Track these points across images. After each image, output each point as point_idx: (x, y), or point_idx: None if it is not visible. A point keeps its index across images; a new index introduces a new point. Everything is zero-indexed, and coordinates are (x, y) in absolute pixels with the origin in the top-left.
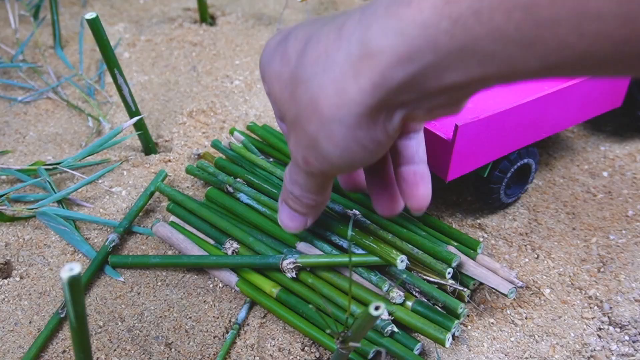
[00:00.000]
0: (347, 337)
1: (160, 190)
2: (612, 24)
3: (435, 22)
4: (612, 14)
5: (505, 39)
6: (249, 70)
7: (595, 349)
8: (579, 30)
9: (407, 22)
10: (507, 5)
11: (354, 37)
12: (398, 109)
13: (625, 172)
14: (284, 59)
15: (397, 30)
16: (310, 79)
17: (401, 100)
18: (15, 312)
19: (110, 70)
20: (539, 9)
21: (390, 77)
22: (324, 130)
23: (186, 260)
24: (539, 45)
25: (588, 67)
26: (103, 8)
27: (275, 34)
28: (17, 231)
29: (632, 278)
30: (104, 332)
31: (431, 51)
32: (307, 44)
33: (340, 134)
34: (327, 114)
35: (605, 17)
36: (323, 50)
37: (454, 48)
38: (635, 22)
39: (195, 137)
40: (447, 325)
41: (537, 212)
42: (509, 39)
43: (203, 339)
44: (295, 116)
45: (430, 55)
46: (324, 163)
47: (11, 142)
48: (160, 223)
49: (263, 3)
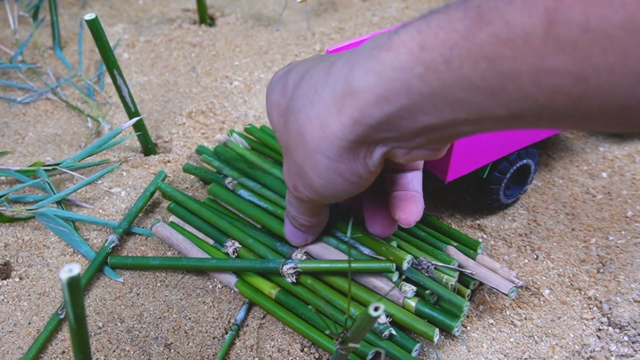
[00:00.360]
0: (347, 338)
1: (161, 190)
2: (567, 81)
3: (410, 66)
4: (566, 72)
5: (472, 87)
6: (248, 71)
7: (595, 350)
8: (538, 84)
9: (385, 64)
10: (475, 56)
11: (340, 75)
12: (378, 146)
13: (624, 173)
14: (283, 90)
15: (376, 71)
16: (300, 110)
17: (380, 138)
18: (14, 313)
19: (110, 71)
20: (502, 62)
21: (369, 115)
22: (309, 160)
23: (185, 262)
24: (503, 94)
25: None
26: (102, 9)
27: (285, 66)
28: (17, 232)
29: (631, 279)
30: (103, 333)
31: (405, 94)
32: (302, 77)
33: (323, 165)
34: (312, 145)
35: (561, 74)
36: (313, 85)
37: (426, 92)
38: (588, 81)
39: (195, 137)
40: (450, 325)
41: (537, 213)
42: (475, 87)
43: (202, 340)
44: (286, 144)
45: (405, 98)
46: (311, 191)
47: (10, 143)
48: (159, 224)
49: (262, 4)
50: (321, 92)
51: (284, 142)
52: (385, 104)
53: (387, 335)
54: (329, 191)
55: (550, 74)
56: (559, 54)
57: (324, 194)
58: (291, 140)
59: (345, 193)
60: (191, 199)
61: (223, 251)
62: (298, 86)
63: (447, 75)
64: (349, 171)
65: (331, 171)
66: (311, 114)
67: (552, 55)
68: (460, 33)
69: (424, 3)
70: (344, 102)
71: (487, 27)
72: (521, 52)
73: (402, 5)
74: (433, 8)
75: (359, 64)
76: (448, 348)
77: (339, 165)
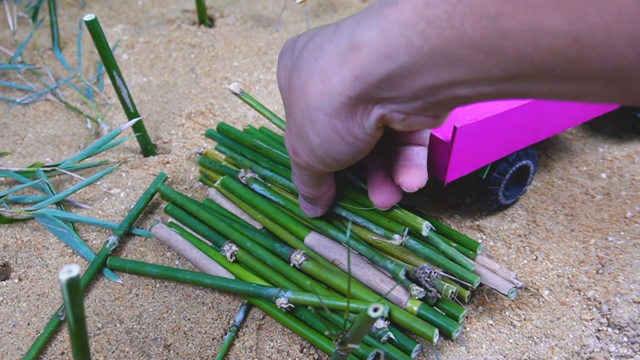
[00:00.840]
0: (346, 339)
1: (160, 192)
2: (563, 41)
3: (414, 22)
4: (563, 32)
5: (471, 45)
6: (248, 71)
7: (594, 351)
8: (535, 44)
9: (389, 20)
10: (477, 13)
11: (346, 31)
12: (376, 106)
13: (623, 174)
14: (292, 53)
15: (379, 27)
16: (304, 67)
17: (378, 97)
18: (13, 314)
19: (109, 71)
20: (502, 20)
21: (370, 72)
22: (309, 117)
23: (182, 276)
24: (501, 54)
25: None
26: (102, 10)
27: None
28: (16, 233)
29: (630, 279)
30: (103, 334)
31: (406, 51)
32: (310, 38)
33: (321, 122)
34: (312, 100)
35: (558, 34)
36: (319, 42)
37: (426, 50)
38: (583, 42)
39: (194, 138)
40: (450, 330)
41: (536, 214)
42: (475, 46)
43: (202, 341)
44: (289, 104)
45: (405, 55)
46: (310, 154)
47: (10, 144)
48: (158, 225)
49: (262, 4)
50: (326, 47)
51: (287, 101)
52: (385, 60)
53: (385, 339)
54: (327, 152)
55: (547, 34)
56: (556, 13)
57: (322, 157)
58: (293, 97)
59: (342, 156)
60: (190, 200)
61: (221, 254)
62: (305, 46)
63: (449, 33)
64: (345, 130)
65: (329, 128)
66: (314, 69)
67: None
68: None
69: None
70: (347, 56)
71: None
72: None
73: None
74: None
75: (365, 20)
76: (447, 349)
77: (337, 122)
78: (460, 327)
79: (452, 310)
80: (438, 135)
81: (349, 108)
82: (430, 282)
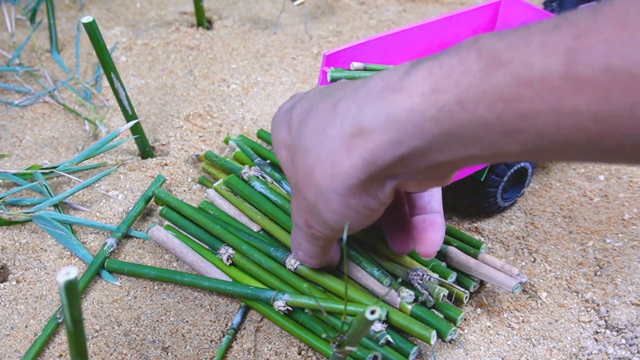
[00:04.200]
0: (344, 341)
1: (155, 195)
2: (586, 120)
3: (423, 108)
4: (586, 111)
5: (487, 126)
6: (246, 74)
7: (592, 353)
8: (556, 123)
9: (397, 107)
10: (491, 97)
11: (349, 114)
12: (389, 180)
13: (621, 176)
14: (288, 127)
15: (388, 113)
16: (308, 149)
17: (391, 174)
18: (11, 316)
19: (107, 74)
20: (520, 102)
21: (381, 156)
22: (321, 198)
23: (180, 278)
24: (519, 134)
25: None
26: (100, 12)
27: (289, 98)
28: (14, 235)
29: (628, 281)
30: (101, 336)
31: (418, 136)
32: (307, 114)
33: (335, 202)
34: (322, 183)
35: (580, 114)
36: (320, 123)
37: (439, 133)
38: (607, 121)
39: (192, 140)
40: (444, 331)
41: (534, 216)
42: (491, 127)
43: (200, 343)
44: (295, 183)
45: (417, 140)
46: (325, 227)
47: (7, 146)
48: (155, 227)
49: (260, 7)
50: (329, 131)
51: (293, 180)
52: (397, 145)
53: (383, 342)
54: (343, 225)
55: (569, 114)
56: (578, 94)
57: (338, 229)
58: (301, 178)
59: (359, 225)
60: (184, 204)
61: (217, 258)
62: (304, 123)
63: (461, 116)
64: (361, 205)
65: (344, 207)
66: (320, 153)
67: (571, 95)
68: (475, 74)
69: (421, 7)
70: (354, 141)
71: (504, 67)
72: (539, 92)
73: (399, 9)
74: (429, 12)
75: (369, 104)
76: (445, 351)
77: (351, 200)
78: (453, 328)
79: (450, 312)
80: None
81: (362, 187)
82: (423, 284)
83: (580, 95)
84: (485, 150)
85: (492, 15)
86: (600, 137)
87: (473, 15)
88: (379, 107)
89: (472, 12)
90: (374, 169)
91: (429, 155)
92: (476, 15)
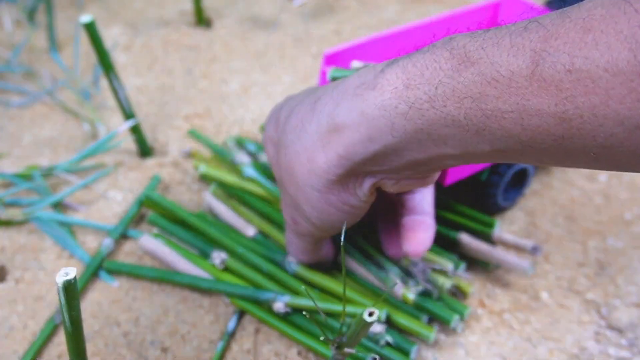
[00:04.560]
0: (342, 343)
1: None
2: (550, 121)
3: (394, 104)
4: (549, 112)
5: (455, 124)
6: (245, 73)
7: (593, 353)
8: (521, 124)
9: (369, 103)
10: (459, 94)
11: (325, 110)
12: (366, 177)
13: (622, 176)
14: (276, 124)
15: (359, 109)
16: (288, 145)
17: (367, 171)
18: (10, 317)
19: (106, 73)
20: (486, 100)
21: (354, 152)
22: (301, 193)
23: (179, 278)
24: (487, 133)
25: (535, 155)
26: (99, 11)
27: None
28: (12, 235)
29: (629, 282)
30: (100, 337)
31: (389, 132)
32: (291, 111)
33: (314, 197)
34: (301, 178)
35: (544, 114)
36: (300, 119)
37: (410, 130)
38: (570, 121)
39: (191, 140)
40: (448, 318)
41: (535, 216)
42: (459, 125)
43: (199, 344)
44: (280, 178)
45: (389, 136)
46: (308, 223)
47: (6, 146)
48: (144, 236)
49: (259, 7)
50: (307, 126)
51: (277, 176)
52: (369, 142)
53: (383, 343)
54: (325, 222)
55: (533, 114)
56: (542, 94)
57: (321, 226)
58: (283, 174)
59: (341, 223)
60: (181, 210)
61: (210, 264)
62: (287, 120)
63: (431, 113)
64: (340, 201)
65: (323, 203)
66: (299, 148)
67: (535, 95)
68: (446, 72)
69: (421, 6)
70: (329, 138)
71: (472, 66)
72: (505, 91)
73: (399, 8)
74: (429, 11)
75: (344, 101)
76: (446, 352)
77: (330, 196)
78: (457, 317)
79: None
80: None
81: (339, 183)
82: (425, 278)
83: (545, 95)
84: (458, 149)
85: (492, 15)
86: (564, 139)
87: (473, 14)
88: (352, 104)
89: (472, 12)
90: (348, 165)
91: (402, 153)
92: (476, 15)
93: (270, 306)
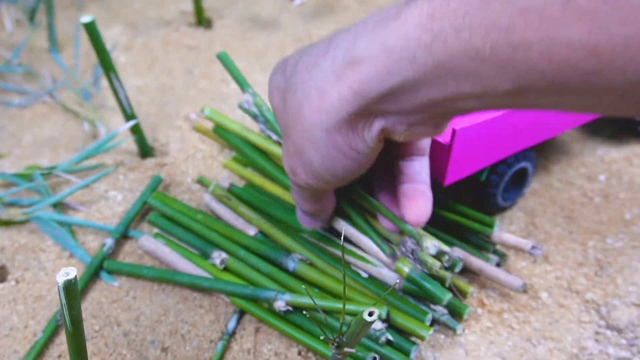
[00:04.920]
0: (342, 343)
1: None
2: (580, 53)
3: (417, 35)
4: (581, 43)
5: (480, 58)
6: (245, 73)
7: (593, 353)
8: (549, 55)
9: (390, 33)
10: (487, 25)
11: (341, 45)
12: (377, 118)
13: (622, 176)
14: (283, 72)
15: (380, 41)
16: (298, 87)
17: (380, 110)
18: (10, 317)
19: (106, 73)
20: (514, 31)
21: (369, 88)
22: (307, 136)
23: (179, 278)
24: (511, 67)
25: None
26: (99, 11)
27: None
28: (13, 235)
29: (629, 282)
30: (100, 337)
31: (410, 65)
32: (301, 55)
33: (320, 139)
34: (309, 118)
35: (575, 45)
36: (313, 58)
37: (431, 64)
38: (602, 54)
39: (192, 140)
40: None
41: (534, 216)
42: (483, 59)
43: (199, 344)
44: (285, 124)
45: (409, 70)
46: (309, 174)
47: (6, 146)
48: (144, 237)
49: (259, 7)
50: (322, 62)
51: (282, 122)
52: (387, 75)
53: (383, 341)
54: (328, 170)
55: (563, 46)
56: (575, 24)
57: (323, 175)
58: (289, 117)
59: (344, 172)
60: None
61: (211, 264)
62: (297, 63)
63: (455, 45)
64: (347, 144)
65: (329, 145)
66: (310, 86)
67: (568, 25)
68: (474, 2)
69: None
70: (344, 71)
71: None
72: (536, 21)
73: None
74: None
75: (364, 35)
76: (445, 351)
77: (337, 137)
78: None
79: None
80: (437, 138)
81: (349, 122)
82: (415, 257)
83: (578, 25)
84: (478, 86)
85: None
86: (592, 74)
87: None
88: (373, 36)
89: None
90: (362, 102)
91: (419, 90)
92: None
93: (271, 305)
